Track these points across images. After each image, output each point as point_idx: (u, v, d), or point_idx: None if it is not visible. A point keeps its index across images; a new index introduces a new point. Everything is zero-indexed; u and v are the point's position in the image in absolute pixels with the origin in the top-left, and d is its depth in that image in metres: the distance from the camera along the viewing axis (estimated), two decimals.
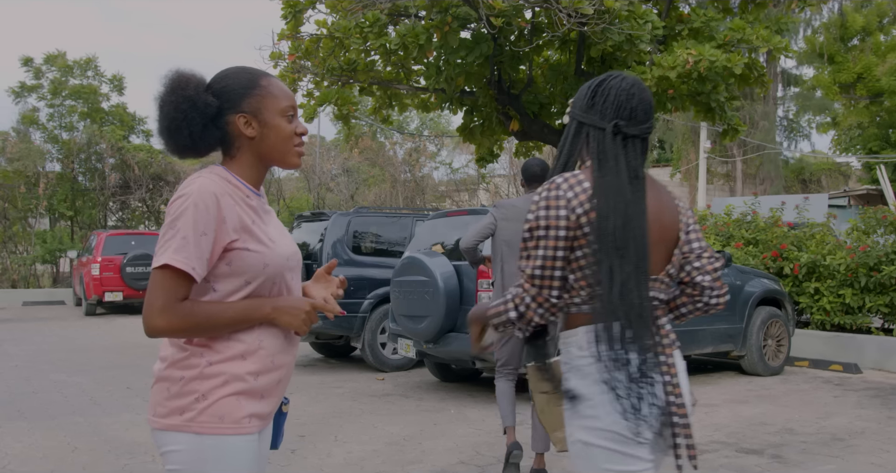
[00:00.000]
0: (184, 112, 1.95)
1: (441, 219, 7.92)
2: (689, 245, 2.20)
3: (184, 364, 1.94)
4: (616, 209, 2.02)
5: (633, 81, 2.25)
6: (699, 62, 11.15)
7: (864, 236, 9.24)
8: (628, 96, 2.14)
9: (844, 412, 6.57)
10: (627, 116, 2.12)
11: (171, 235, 1.89)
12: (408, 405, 6.99)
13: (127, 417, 6.55)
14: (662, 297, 2.16)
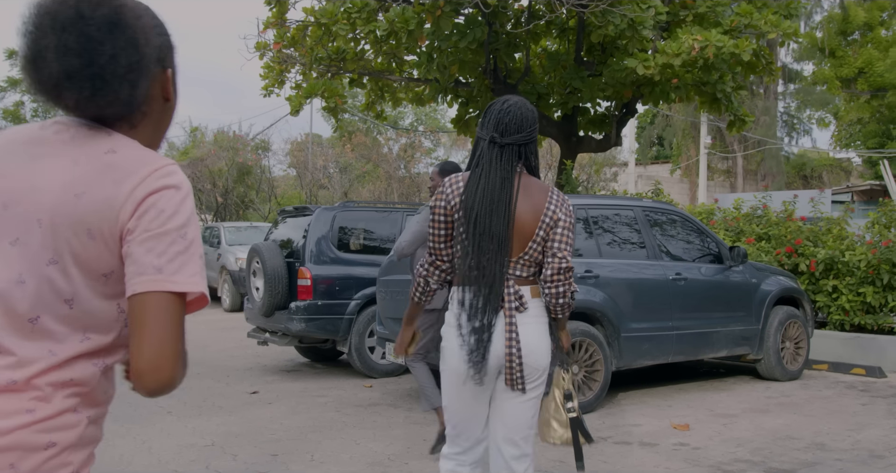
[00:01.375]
0: (138, 54, 1.40)
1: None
2: (550, 243, 2.73)
3: (60, 423, 1.34)
4: (482, 202, 2.64)
5: (513, 101, 2.79)
6: (706, 48, 10.53)
7: (885, 230, 8.62)
8: (503, 114, 2.74)
9: (877, 423, 5.95)
10: (502, 131, 2.72)
11: (183, 247, 1.37)
12: (395, 417, 6.36)
13: None
14: (518, 273, 2.73)
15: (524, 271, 2.75)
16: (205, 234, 18.45)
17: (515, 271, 2.73)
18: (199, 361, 9.53)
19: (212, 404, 6.99)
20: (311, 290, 8.17)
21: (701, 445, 5.34)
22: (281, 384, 7.99)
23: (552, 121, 13.24)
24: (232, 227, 18.02)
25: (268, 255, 8.32)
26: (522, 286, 2.74)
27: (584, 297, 6.40)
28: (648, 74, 10.96)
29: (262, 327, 9.03)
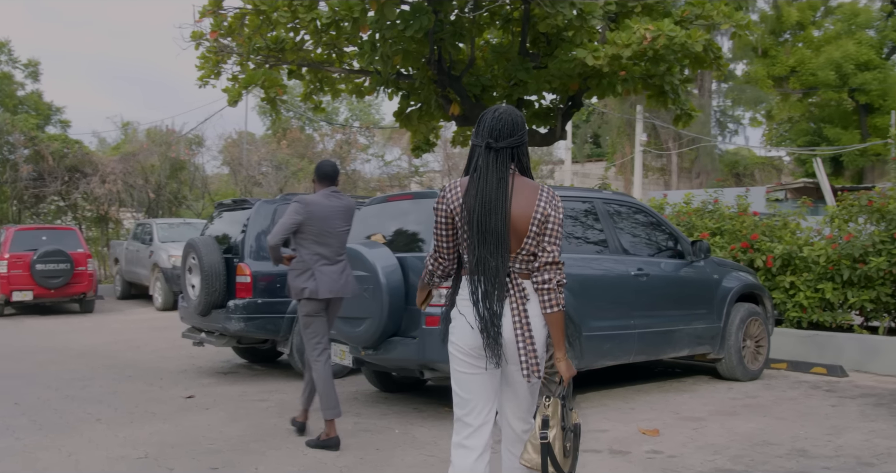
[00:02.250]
0: None
1: (380, 205, 6.80)
2: (541, 238, 2.94)
3: None
4: (481, 203, 2.88)
5: (503, 109, 3.01)
6: (657, 39, 10.26)
7: (844, 224, 8.46)
8: (496, 121, 2.98)
9: (854, 427, 5.70)
10: (496, 136, 2.95)
11: None
12: (344, 424, 5.87)
13: (3, 443, 5.31)
14: (519, 266, 2.95)
15: (524, 265, 2.96)
16: (137, 231, 17.65)
17: (516, 265, 2.96)
18: (130, 363, 8.92)
19: (144, 410, 6.42)
20: (250, 287, 7.63)
21: (675, 452, 5.00)
22: (218, 388, 7.44)
23: None
24: (164, 223, 17.26)
25: (205, 250, 7.74)
26: (525, 279, 2.97)
27: None
28: (597, 64, 10.65)
29: (198, 326, 8.45)
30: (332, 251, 5.39)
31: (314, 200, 5.43)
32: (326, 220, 5.36)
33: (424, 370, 5.84)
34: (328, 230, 5.36)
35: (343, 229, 5.46)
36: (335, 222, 5.40)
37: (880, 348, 7.91)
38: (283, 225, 5.36)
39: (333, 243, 5.41)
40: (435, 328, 5.61)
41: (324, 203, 5.42)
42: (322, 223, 5.35)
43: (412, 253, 5.96)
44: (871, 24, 30.18)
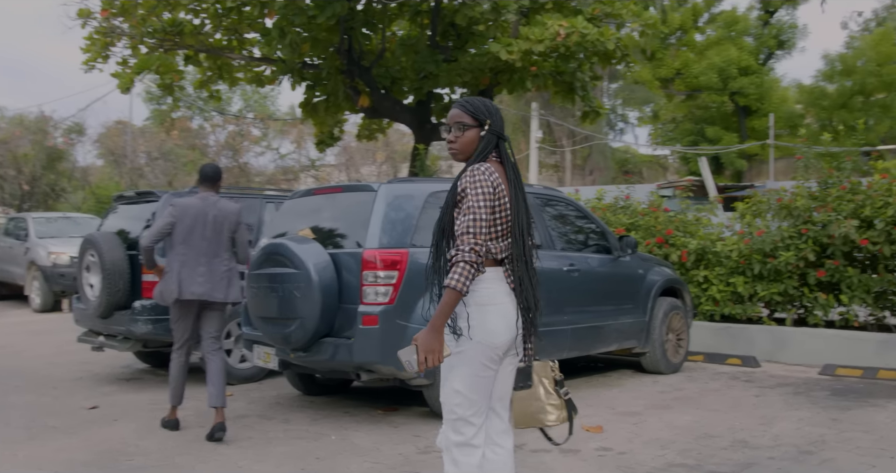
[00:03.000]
0: None
1: (304, 198, 6.48)
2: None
3: None
4: (516, 191, 2.96)
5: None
6: (571, 35, 10.31)
7: (754, 220, 8.67)
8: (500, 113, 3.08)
9: (782, 416, 5.78)
10: (502, 128, 3.05)
11: None
12: (273, 431, 5.55)
13: None
14: None
15: None
16: (9, 226, 16.43)
17: None
18: (14, 371, 8.20)
19: (43, 424, 5.87)
20: None
21: (625, 449, 4.92)
22: (122, 397, 6.93)
23: (405, 107, 12.67)
24: (41, 218, 16.15)
25: (106, 247, 7.20)
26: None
27: None
28: (511, 59, 10.62)
29: (97, 330, 7.87)
30: (197, 254, 5.45)
31: (187, 202, 5.54)
32: (196, 223, 5.45)
33: (361, 372, 5.57)
34: (197, 233, 5.45)
35: (212, 233, 5.48)
36: (205, 225, 5.46)
37: (788, 338, 8.13)
38: (157, 227, 5.50)
39: (201, 247, 5.45)
40: (373, 327, 5.37)
41: (197, 206, 5.51)
42: (191, 226, 5.44)
43: (343, 249, 5.68)
44: (748, 31, 31.52)
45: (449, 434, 2.92)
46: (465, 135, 3.00)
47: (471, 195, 2.81)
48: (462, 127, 3.00)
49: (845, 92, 27.77)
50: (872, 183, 7.80)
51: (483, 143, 2.98)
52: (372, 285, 5.43)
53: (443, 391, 2.95)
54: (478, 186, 2.82)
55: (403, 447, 5.05)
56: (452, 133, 3.02)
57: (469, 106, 3.02)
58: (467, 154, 3.01)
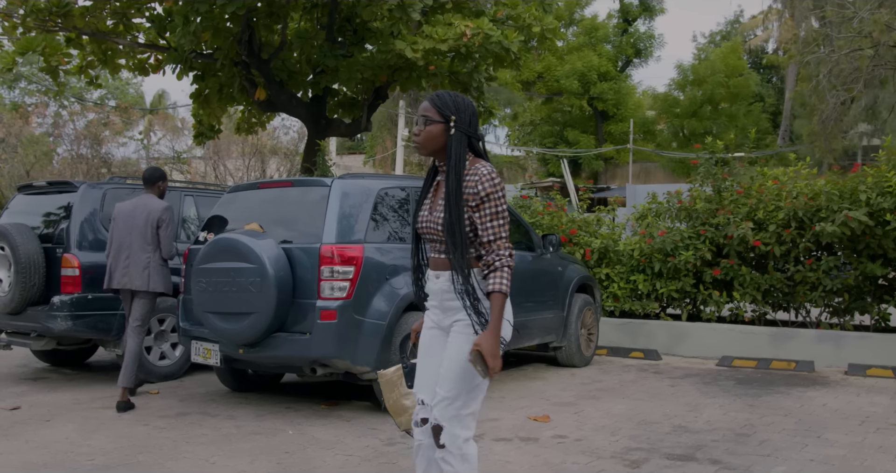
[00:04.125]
0: None
1: (250, 192, 6.42)
2: None
3: None
4: None
5: None
6: (476, 36, 10.60)
7: (655, 220, 9.24)
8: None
9: (704, 403, 6.27)
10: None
11: None
12: (225, 428, 5.49)
13: None
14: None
15: None
16: None
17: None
18: None
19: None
20: (79, 281, 6.88)
21: (579, 436, 5.22)
22: (40, 397, 6.62)
23: (301, 101, 12.58)
24: None
25: (20, 239, 6.85)
26: None
27: None
28: (415, 57, 10.77)
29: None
30: (123, 247, 6.22)
31: (123, 203, 6.45)
32: (126, 220, 6.25)
33: (317, 366, 5.61)
34: (125, 229, 6.22)
35: (138, 229, 6.19)
36: (133, 222, 6.21)
37: (685, 332, 8.74)
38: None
39: (126, 241, 6.21)
40: (331, 322, 5.42)
41: (130, 205, 6.36)
42: (122, 223, 6.27)
43: (296, 244, 5.69)
44: (608, 38, 33.03)
45: (457, 431, 2.89)
46: (428, 129, 2.95)
47: (494, 200, 2.84)
48: (426, 121, 2.96)
49: (696, 101, 29.63)
50: (764, 188, 8.50)
51: (454, 142, 2.93)
52: (329, 279, 5.49)
53: (455, 384, 2.91)
54: (499, 190, 2.86)
55: (366, 440, 5.14)
56: (417, 127, 3.00)
57: (438, 101, 2.99)
58: (430, 149, 2.99)
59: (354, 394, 6.57)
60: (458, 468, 2.88)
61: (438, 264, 3.02)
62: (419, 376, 3.11)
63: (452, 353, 2.92)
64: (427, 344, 3.12)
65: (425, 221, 3.02)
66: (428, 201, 3.07)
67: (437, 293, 3.04)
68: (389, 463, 4.61)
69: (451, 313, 2.97)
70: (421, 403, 3.05)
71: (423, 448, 3.05)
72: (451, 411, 2.88)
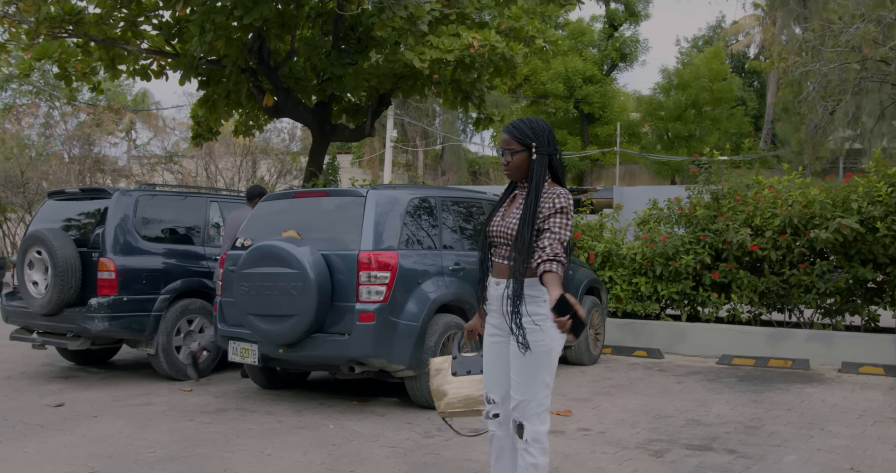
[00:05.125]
0: None
1: (284, 201, 6.77)
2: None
3: None
4: None
5: None
6: (484, 47, 10.99)
7: (656, 226, 9.67)
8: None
9: (712, 399, 6.70)
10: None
11: None
12: (268, 423, 5.84)
13: None
14: None
15: None
16: None
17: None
18: None
19: (21, 422, 5.86)
20: (115, 284, 7.19)
21: (602, 429, 5.63)
22: (77, 394, 6.93)
23: (307, 107, 12.91)
24: None
25: (58, 244, 7.16)
26: None
27: (457, 289, 6.41)
28: (422, 67, 11.14)
29: (30, 327, 7.77)
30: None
31: (233, 213, 7.85)
32: (233, 227, 7.47)
33: (355, 365, 5.97)
34: (234, 235, 7.14)
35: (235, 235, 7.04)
36: (237, 228, 7.28)
37: (686, 332, 9.19)
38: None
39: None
40: (370, 323, 5.79)
41: (236, 214, 7.65)
42: (230, 229, 7.55)
43: (335, 251, 6.04)
44: (594, 42, 33.55)
45: (537, 427, 3.27)
46: (515, 160, 3.36)
47: (565, 213, 3.24)
48: (512, 153, 3.36)
49: (680, 104, 30.21)
50: (761, 196, 8.97)
51: (537, 166, 3.31)
52: (367, 284, 5.86)
53: (528, 387, 3.27)
54: (571, 209, 3.29)
55: (405, 433, 5.52)
56: (504, 157, 3.42)
57: (516, 132, 3.36)
58: (521, 175, 3.38)
59: (382, 391, 6.95)
60: (539, 458, 3.29)
61: (501, 271, 3.40)
62: (487, 377, 3.52)
63: (516, 358, 3.31)
64: (490, 349, 3.51)
65: (497, 226, 3.41)
66: (502, 209, 3.47)
67: (496, 299, 3.42)
68: (433, 454, 4.98)
69: (510, 317, 3.32)
70: (491, 401, 3.45)
71: (495, 438, 3.47)
72: (529, 410, 3.28)
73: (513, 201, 3.46)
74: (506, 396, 3.41)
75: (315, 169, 13.11)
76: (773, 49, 21.25)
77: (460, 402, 3.72)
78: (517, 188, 3.48)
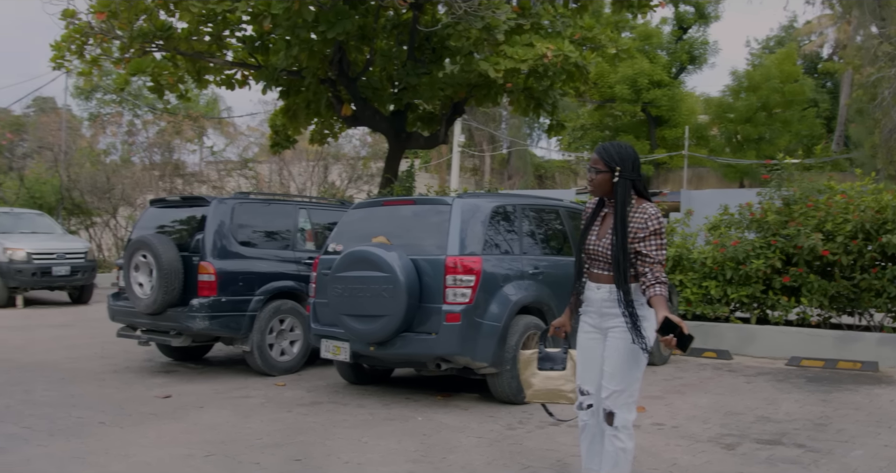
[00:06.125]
0: None
1: (373, 208, 7.24)
2: None
3: None
4: None
5: None
6: (557, 57, 11.32)
7: (727, 230, 9.89)
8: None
9: (781, 398, 6.94)
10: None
11: None
12: (361, 415, 6.30)
13: (29, 450, 5.24)
14: None
15: None
16: None
17: None
18: (42, 365, 8.50)
19: (136, 411, 6.41)
20: (214, 285, 7.75)
21: (675, 424, 5.94)
22: (181, 387, 7.48)
23: (383, 116, 13.42)
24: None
25: (162, 249, 7.74)
26: None
27: (537, 292, 6.78)
28: (497, 77, 11.54)
29: (134, 325, 8.38)
30: None
31: None
32: None
33: (441, 362, 6.40)
34: None
35: None
36: None
37: (755, 335, 9.38)
38: None
39: None
40: (456, 324, 6.21)
41: None
42: None
43: (422, 255, 6.47)
44: (663, 45, 33.46)
45: (625, 415, 3.71)
46: (598, 178, 3.74)
47: (660, 234, 3.63)
48: (596, 171, 3.74)
49: (750, 107, 29.98)
50: (833, 202, 9.12)
51: (620, 189, 3.68)
52: (453, 287, 6.27)
53: (622, 379, 3.69)
54: (663, 227, 3.68)
55: (489, 425, 5.91)
56: (590, 174, 3.82)
57: (604, 153, 3.74)
58: (601, 193, 3.78)
59: (463, 387, 7.35)
60: (627, 443, 3.71)
61: (600, 278, 3.79)
62: (582, 370, 3.92)
63: (613, 353, 3.72)
64: (587, 345, 3.90)
65: (593, 245, 3.79)
66: (595, 228, 3.83)
67: (596, 302, 3.82)
68: (516, 444, 5.37)
69: (608, 318, 3.75)
70: (585, 393, 3.86)
71: (587, 427, 3.88)
72: (620, 400, 3.69)
73: (604, 221, 3.83)
74: (599, 388, 3.79)
75: (391, 175, 13.63)
76: (849, 51, 21.06)
77: (545, 394, 4.21)
78: (605, 206, 3.85)
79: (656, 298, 3.56)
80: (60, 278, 14.79)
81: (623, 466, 3.71)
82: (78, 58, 12.74)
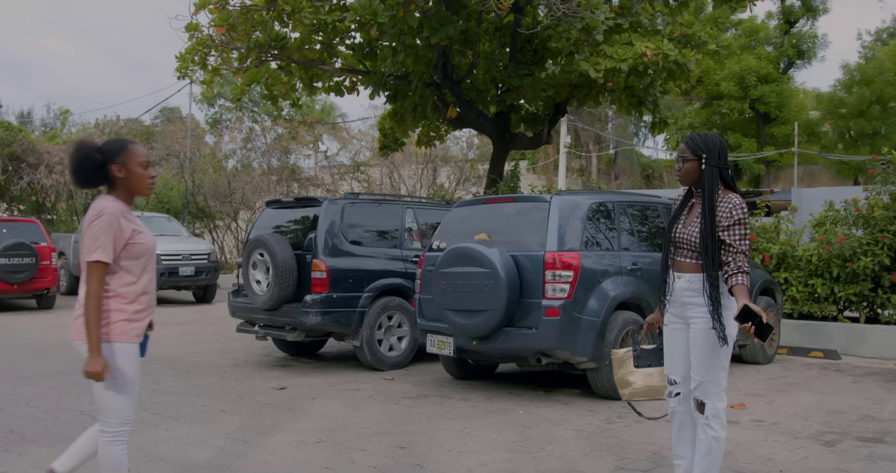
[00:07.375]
0: (81, 163, 3.44)
1: (475, 207, 7.51)
2: None
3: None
4: None
5: None
6: (657, 55, 11.34)
7: (832, 227, 9.72)
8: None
9: (888, 398, 6.84)
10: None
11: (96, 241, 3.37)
12: (464, 408, 6.57)
13: (157, 435, 5.71)
14: None
15: None
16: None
17: None
18: (169, 359, 9.05)
19: (254, 401, 6.85)
20: (326, 282, 8.16)
21: (775, 421, 5.97)
22: (296, 380, 7.92)
23: (487, 118, 13.68)
24: None
25: (277, 247, 8.21)
26: None
27: (635, 288, 6.91)
28: (598, 77, 11.63)
29: (252, 321, 8.89)
30: None
31: None
32: None
33: (542, 356, 6.61)
34: None
35: None
36: None
37: (865, 334, 9.19)
38: None
39: None
40: (555, 318, 6.41)
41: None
42: None
43: (522, 252, 6.70)
44: (770, 40, 32.59)
45: (716, 404, 3.82)
46: (686, 167, 3.83)
47: (744, 224, 3.72)
48: (684, 160, 3.85)
49: (864, 101, 28.88)
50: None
51: (707, 176, 3.76)
52: (552, 282, 6.48)
53: (708, 369, 3.79)
54: (747, 217, 3.73)
55: (587, 419, 6.09)
56: (678, 163, 3.93)
57: (691, 143, 3.83)
58: (689, 181, 3.86)
59: (565, 383, 7.54)
60: (719, 431, 3.82)
61: (682, 267, 3.90)
62: (668, 360, 4.05)
63: (696, 344, 3.83)
64: (671, 335, 4.03)
65: (680, 233, 3.90)
66: (683, 217, 3.95)
67: (677, 292, 3.92)
68: (614, 437, 5.54)
69: (688, 307, 3.86)
70: (673, 382, 3.99)
71: (676, 413, 4.01)
72: (709, 389, 3.80)
73: (691, 210, 3.94)
74: (685, 376, 3.92)
75: (496, 176, 13.89)
76: None
77: (644, 392, 4.31)
78: (693, 196, 3.97)
79: (738, 287, 3.64)
80: (186, 278, 15.70)
81: (716, 454, 3.83)
82: (200, 68, 13.55)
